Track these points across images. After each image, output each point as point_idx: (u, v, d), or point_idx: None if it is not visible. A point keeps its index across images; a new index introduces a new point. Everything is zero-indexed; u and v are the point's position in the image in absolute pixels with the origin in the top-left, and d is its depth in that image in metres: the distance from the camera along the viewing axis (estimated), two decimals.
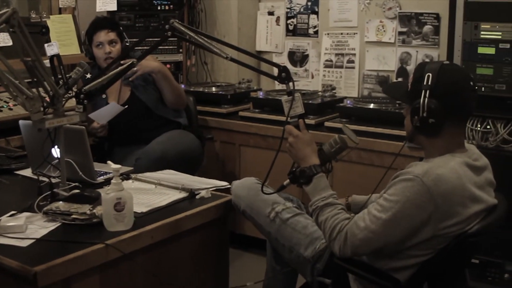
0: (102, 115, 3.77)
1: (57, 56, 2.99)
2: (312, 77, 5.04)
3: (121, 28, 4.12)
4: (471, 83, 2.32)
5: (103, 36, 3.96)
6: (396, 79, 4.53)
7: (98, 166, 2.98)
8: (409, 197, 2.17)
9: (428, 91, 2.25)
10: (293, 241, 2.66)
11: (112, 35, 3.98)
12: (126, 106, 3.80)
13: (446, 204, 2.16)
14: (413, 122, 2.31)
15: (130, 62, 2.81)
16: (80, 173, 2.81)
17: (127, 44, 4.08)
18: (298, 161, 2.51)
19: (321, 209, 2.39)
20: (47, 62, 2.76)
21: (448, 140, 2.30)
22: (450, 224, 2.19)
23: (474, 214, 2.24)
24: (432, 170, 2.18)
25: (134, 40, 3.95)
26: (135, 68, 3.70)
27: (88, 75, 3.50)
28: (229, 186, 2.88)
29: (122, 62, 3.05)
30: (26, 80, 2.45)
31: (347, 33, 4.79)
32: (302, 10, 5.04)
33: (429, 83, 2.25)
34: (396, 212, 2.19)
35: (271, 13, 5.19)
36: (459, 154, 2.30)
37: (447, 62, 2.37)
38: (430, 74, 2.26)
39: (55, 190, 2.60)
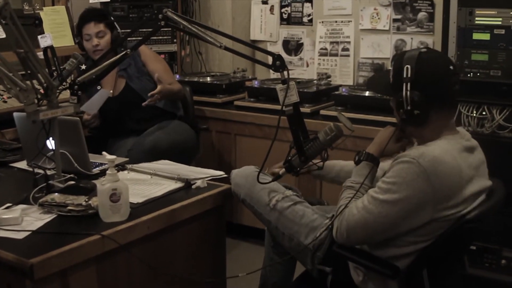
0: (93, 105, 3.75)
1: (51, 47, 2.98)
2: (307, 65, 5.03)
3: (111, 18, 4.10)
4: (451, 67, 2.33)
5: (90, 28, 3.95)
6: (391, 66, 4.52)
7: (93, 157, 2.96)
8: (406, 178, 2.19)
9: (409, 84, 2.27)
10: (294, 230, 2.66)
11: (99, 27, 3.96)
12: (111, 91, 3.79)
13: (443, 185, 2.18)
14: (400, 115, 2.33)
15: (124, 52, 2.80)
16: (75, 164, 2.80)
17: (118, 33, 4.05)
18: (373, 142, 2.56)
19: (345, 189, 2.46)
20: (40, 54, 2.75)
21: (437, 126, 2.32)
22: (447, 206, 2.21)
23: (471, 196, 2.25)
24: (428, 152, 2.21)
25: (128, 30, 3.94)
26: (157, 96, 3.76)
27: (83, 66, 3.49)
28: (225, 175, 2.88)
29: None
30: (20, 73, 2.44)
31: (342, 21, 4.79)
32: None
33: (409, 75, 2.27)
34: (393, 193, 2.22)
35: (265, 2, 5.18)
36: (451, 136, 2.32)
37: (424, 49, 2.36)
38: (409, 66, 2.28)
39: (50, 182, 2.59)
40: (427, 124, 2.31)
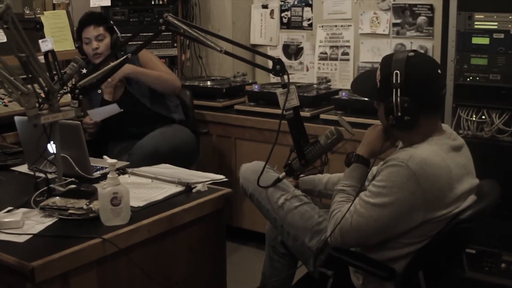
0: (99, 113, 3.77)
1: (52, 52, 2.99)
2: (307, 69, 5.04)
3: (111, 22, 4.10)
4: (439, 70, 2.34)
5: (90, 31, 3.95)
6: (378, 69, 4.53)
7: (94, 161, 2.98)
8: (395, 182, 2.20)
9: (398, 90, 2.26)
10: (299, 230, 2.66)
11: (99, 30, 3.96)
12: (122, 110, 3.80)
13: (433, 187, 2.19)
14: (389, 121, 2.32)
15: (125, 57, 2.81)
16: (76, 168, 2.80)
17: (118, 37, 4.06)
18: (362, 143, 2.54)
19: (337, 192, 2.45)
20: (41, 58, 2.76)
21: (425, 129, 2.33)
22: (439, 207, 2.22)
23: (461, 195, 2.26)
24: (416, 154, 2.21)
25: (128, 35, 3.95)
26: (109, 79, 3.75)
27: (84, 70, 3.50)
28: (225, 179, 2.88)
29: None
30: (21, 76, 2.45)
31: (341, 25, 4.79)
32: (296, 3, 5.03)
33: (399, 81, 2.26)
34: (383, 196, 2.23)
35: (265, 6, 5.19)
36: (438, 137, 2.33)
37: (412, 53, 2.33)
38: (398, 72, 2.26)
39: (51, 185, 2.60)
40: (416, 128, 2.31)
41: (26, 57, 2.42)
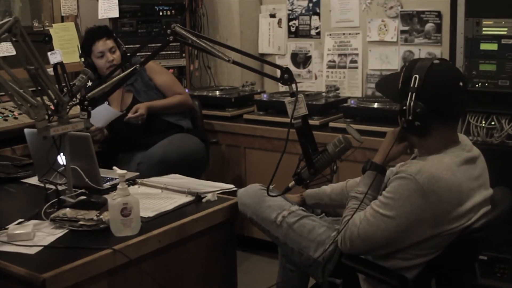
0: (97, 118, 3.76)
1: (61, 64, 3.00)
2: (316, 78, 5.04)
3: (114, 34, 4.12)
4: (461, 83, 2.29)
5: (102, 45, 3.96)
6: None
7: (104, 172, 2.98)
8: (403, 194, 2.19)
9: (414, 94, 2.24)
10: (302, 244, 2.65)
11: (110, 43, 3.99)
12: (124, 112, 3.80)
13: (441, 201, 2.17)
14: (401, 123, 2.31)
15: (133, 68, 2.82)
16: (86, 179, 2.81)
17: (124, 49, 4.08)
18: (378, 150, 2.52)
19: (351, 199, 2.45)
20: (50, 71, 2.77)
21: (439, 139, 2.30)
22: (448, 221, 2.20)
23: (473, 208, 2.24)
24: (425, 169, 2.19)
25: (137, 46, 3.95)
26: (140, 113, 3.87)
27: (89, 83, 3.51)
28: (235, 189, 2.88)
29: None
30: (30, 89, 2.46)
31: (349, 33, 4.80)
32: (303, 11, 5.04)
33: (416, 85, 2.24)
34: (391, 208, 2.22)
35: (273, 16, 5.19)
36: (452, 149, 2.30)
37: (437, 61, 2.30)
38: (417, 76, 2.25)
39: (61, 197, 2.61)
40: (429, 137, 2.30)
41: (35, 70, 2.43)
